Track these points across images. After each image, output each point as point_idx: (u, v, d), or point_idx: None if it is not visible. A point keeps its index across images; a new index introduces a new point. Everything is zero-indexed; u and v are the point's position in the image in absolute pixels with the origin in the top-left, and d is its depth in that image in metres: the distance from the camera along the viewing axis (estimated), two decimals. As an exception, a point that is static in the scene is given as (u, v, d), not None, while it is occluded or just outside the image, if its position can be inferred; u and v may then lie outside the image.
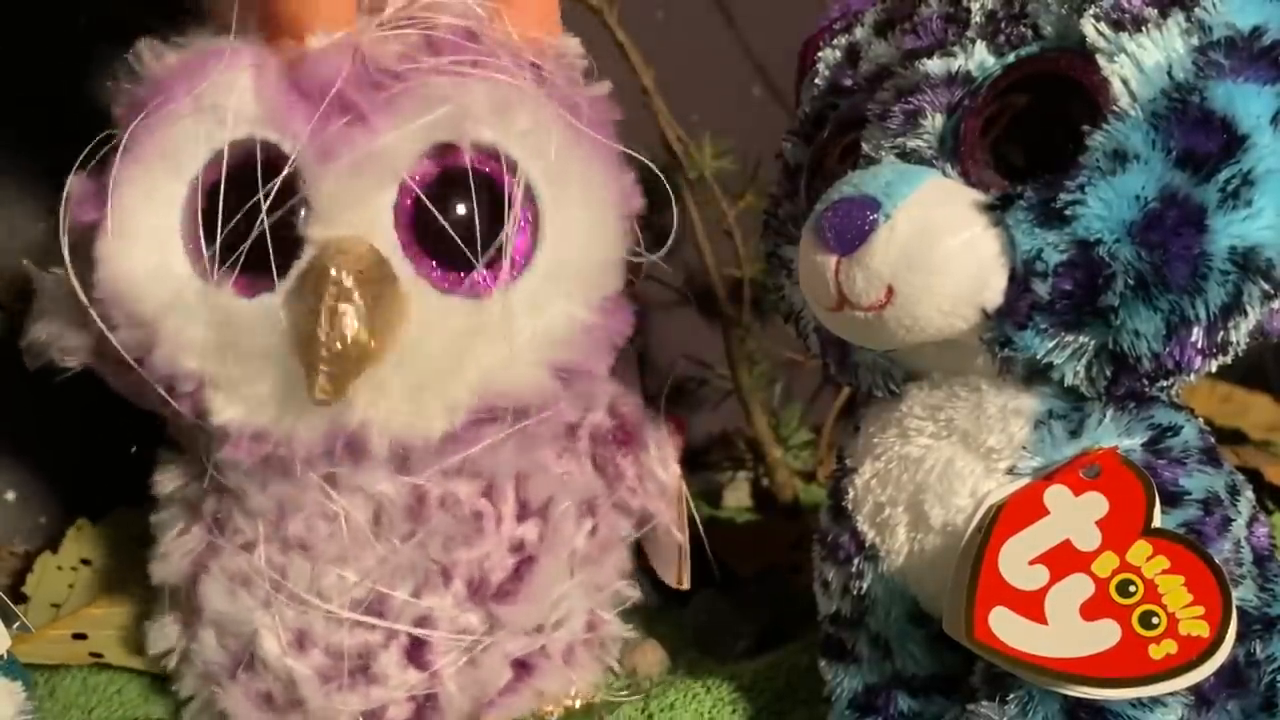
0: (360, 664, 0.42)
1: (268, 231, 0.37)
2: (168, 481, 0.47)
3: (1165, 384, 0.36)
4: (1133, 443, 0.36)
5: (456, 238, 0.39)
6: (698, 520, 0.51)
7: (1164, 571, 0.33)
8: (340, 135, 0.38)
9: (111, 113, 0.42)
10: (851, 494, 0.40)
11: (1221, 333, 0.33)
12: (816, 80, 0.41)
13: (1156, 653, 0.32)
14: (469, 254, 0.39)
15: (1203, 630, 0.32)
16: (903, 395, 0.39)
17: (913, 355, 0.38)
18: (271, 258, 0.38)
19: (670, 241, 0.47)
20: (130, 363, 0.40)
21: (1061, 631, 0.33)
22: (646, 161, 0.47)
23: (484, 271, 0.40)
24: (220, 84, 0.39)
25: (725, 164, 0.65)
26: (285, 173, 0.38)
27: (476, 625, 0.43)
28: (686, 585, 0.51)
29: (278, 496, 0.42)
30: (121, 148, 0.39)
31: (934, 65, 0.36)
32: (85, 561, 0.58)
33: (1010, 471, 0.36)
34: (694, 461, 0.76)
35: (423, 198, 0.39)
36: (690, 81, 0.66)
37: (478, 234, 0.39)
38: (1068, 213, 0.32)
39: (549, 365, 0.42)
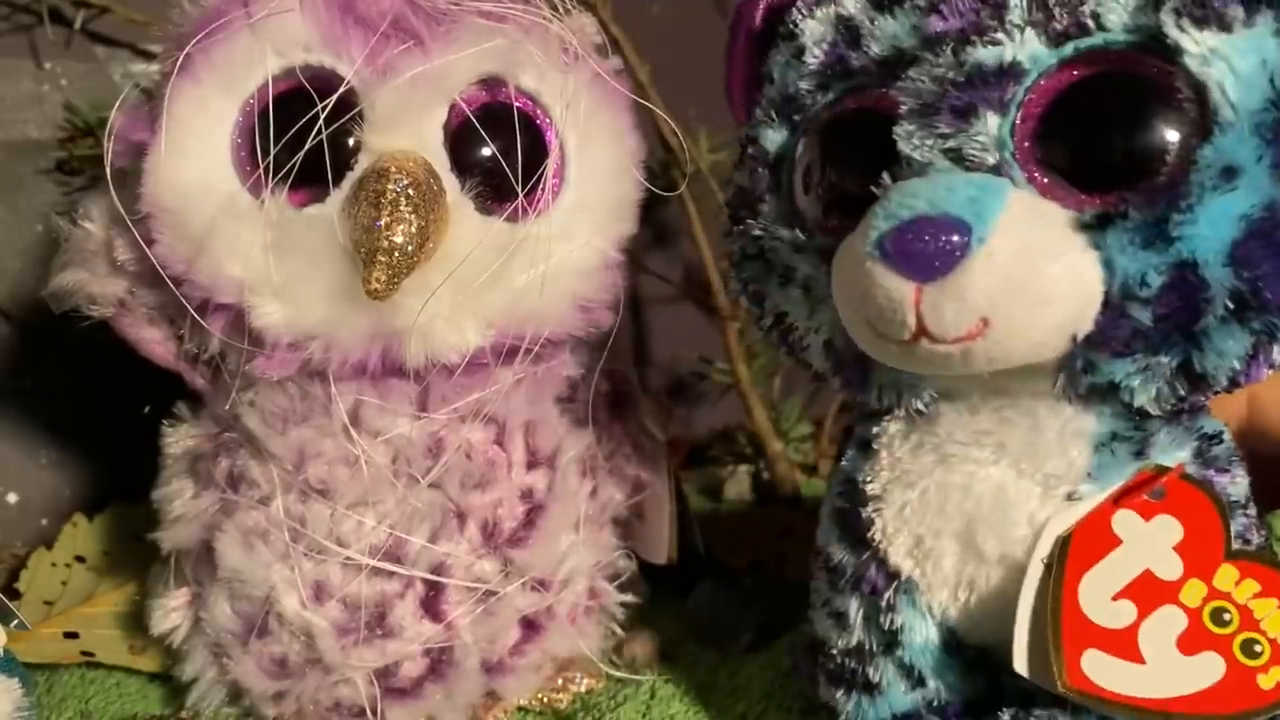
0: (377, 614, 0.43)
1: (325, 141, 0.40)
2: (181, 440, 0.47)
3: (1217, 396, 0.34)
4: (1184, 455, 0.34)
5: (502, 161, 0.42)
6: (685, 494, 0.52)
7: (1256, 595, 0.32)
8: (398, 56, 0.41)
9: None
10: (880, 525, 0.37)
11: None
12: (803, 57, 0.36)
13: (1266, 682, 0.31)
14: (511, 178, 0.42)
15: None
16: (935, 417, 0.36)
17: (958, 377, 0.34)
18: (328, 165, 0.40)
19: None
20: (168, 281, 0.42)
21: (1161, 669, 0.31)
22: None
23: (522, 198, 0.42)
24: (276, 9, 0.41)
25: (722, 158, 0.65)
26: (343, 88, 0.40)
27: (490, 573, 0.44)
28: (674, 558, 0.51)
29: (298, 442, 0.43)
30: (176, 68, 0.41)
31: (984, 55, 0.32)
32: (80, 559, 0.58)
33: (1070, 497, 0.34)
34: (695, 456, 0.76)
35: (472, 119, 0.42)
36: (686, 76, 0.66)
37: (519, 163, 0.42)
38: (1175, 234, 0.30)
39: (572, 295, 0.44)
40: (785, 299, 0.38)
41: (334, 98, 0.40)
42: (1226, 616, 0.32)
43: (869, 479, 0.38)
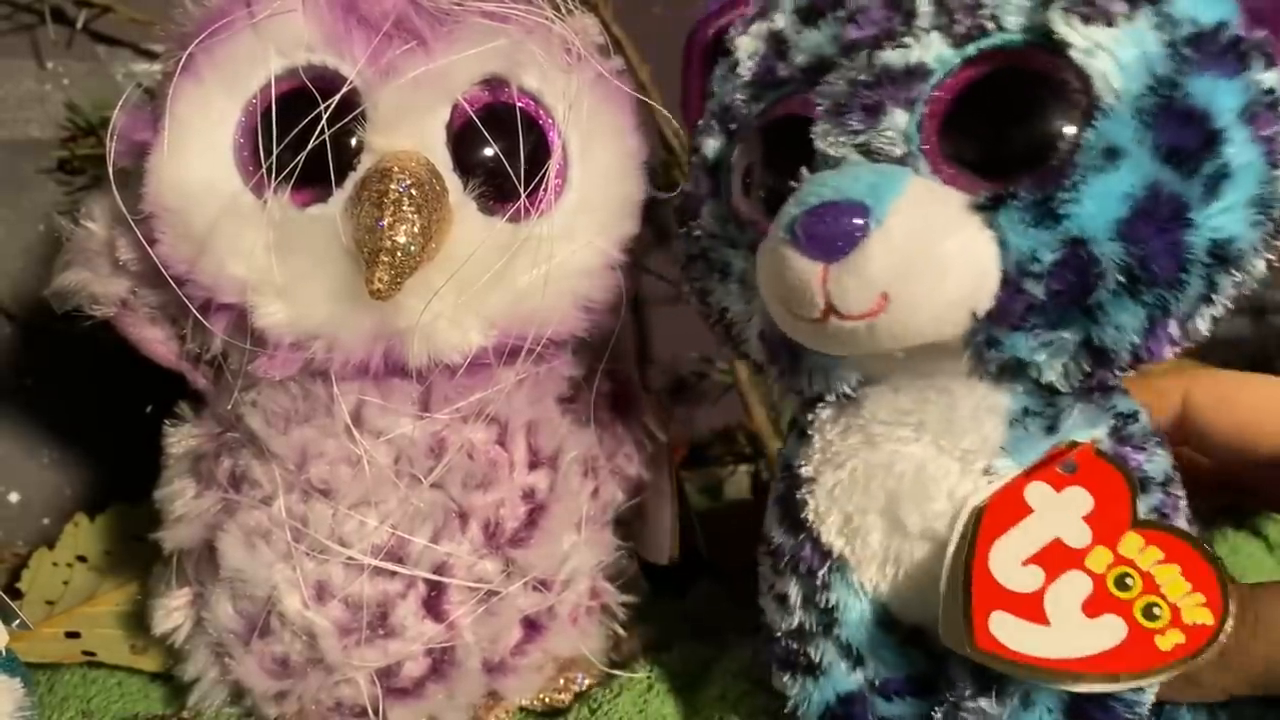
0: (379, 614, 0.43)
1: (328, 140, 0.40)
2: (183, 440, 0.47)
3: (1130, 374, 0.36)
4: (1099, 432, 0.36)
5: (505, 162, 0.42)
6: (686, 493, 0.52)
7: (1159, 562, 0.33)
8: (401, 57, 0.41)
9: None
10: (813, 504, 0.39)
11: (1191, 323, 0.34)
12: (738, 70, 0.39)
13: (1164, 643, 0.32)
14: (514, 178, 0.42)
15: (1206, 618, 0.32)
16: (861, 400, 0.38)
17: (877, 359, 0.37)
18: (331, 165, 0.40)
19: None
20: (170, 281, 0.42)
21: (1066, 631, 0.33)
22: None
23: (524, 199, 0.42)
24: (279, 9, 0.41)
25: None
26: (346, 88, 0.41)
27: (492, 573, 0.44)
28: (676, 558, 0.51)
29: (300, 442, 0.43)
30: (179, 68, 0.42)
31: (891, 57, 0.34)
32: (81, 558, 0.58)
33: (987, 472, 0.36)
34: (695, 455, 0.76)
35: (474, 119, 0.42)
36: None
37: (521, 163, 0.42)
38: (1061, 211, 0.32)
39: (574, 295, 0.44)
40: (725, 294, 0.40)
41: (337, 98, 0.40)
42: (1129, 581, 0.33)
43: (803, 463, 0.40)
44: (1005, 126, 0.33)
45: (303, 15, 0.41)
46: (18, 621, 0.48)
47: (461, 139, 0.42)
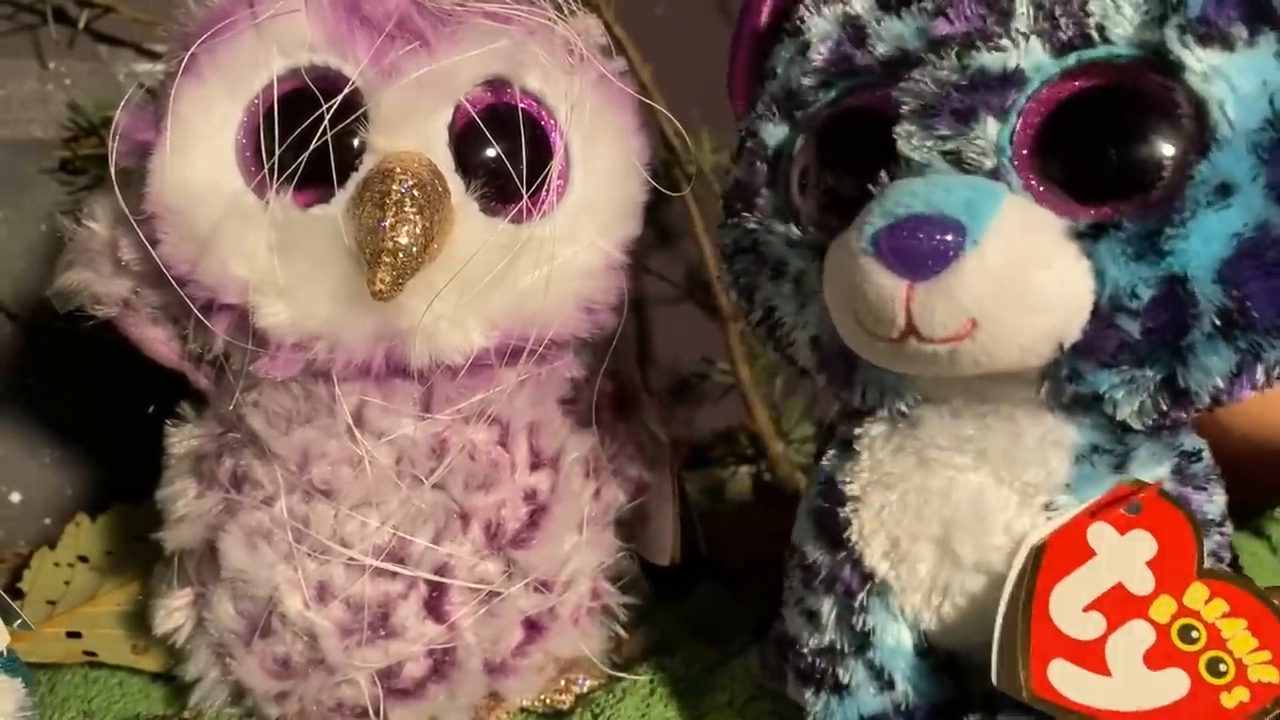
0: (380, 614, 0.43)
1: (330, 141, 0.40)
2: (184, 440, 0.47)
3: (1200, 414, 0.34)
4: (1163, 470, 0.35)
5: (507, 162, 0.42)
6: (688, 495, 0.52)
7: (1224, 615, 0.32)
8: (404, 57, 0.41)
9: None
10: (857, 526, 0.37)
11: (1278, 370, 0.32)
12: (808, 54, 0.36)
13: (1229, 701, 0.31)
14: (516, 179, 0.42)
15: (1272, 676, 0.31)
16: (918, 420, 0.36)
17: (943, 380, 0.35)
18: (333, 165, 0.40)
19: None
20: (172, 281, 0.42)
21: (1127, 682, 0.32)
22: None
23: (526, 200, 0.42)
24: (281, 9, 0.41)
25: (724, 159, 0.65)
26: (348, 89, 0.41)
27: (493, 574, 0.44)
28: (678, 559, 0.51)
29: (302, 442, 0.43)
30: (181, 68, 0.42)
31: (986, 59, 0.32)
32: (82, 558, 0.58)
33: (1048, 507, 0.34)
34: (696, 456, 0.76)
35: (477, 120, 0.42)
36: (689, 76, 0.66)
37: (523, 164, 0.42)
38: (1166, 247, 0.30)
39: (576, 296, 0.44)
40: (776, 293, 0.38)
41: (339, 98, 0.40)
42: (1194, 634, 0.32)
43: (848, 479, 0.38)
44: (1107, 148, 0.31)
45: (305, 15, 0.41)
46: (19, 621, 0.48)
47: (464, 140, 0.42)
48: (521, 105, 0.43)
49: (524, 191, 0.42)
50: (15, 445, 0.65)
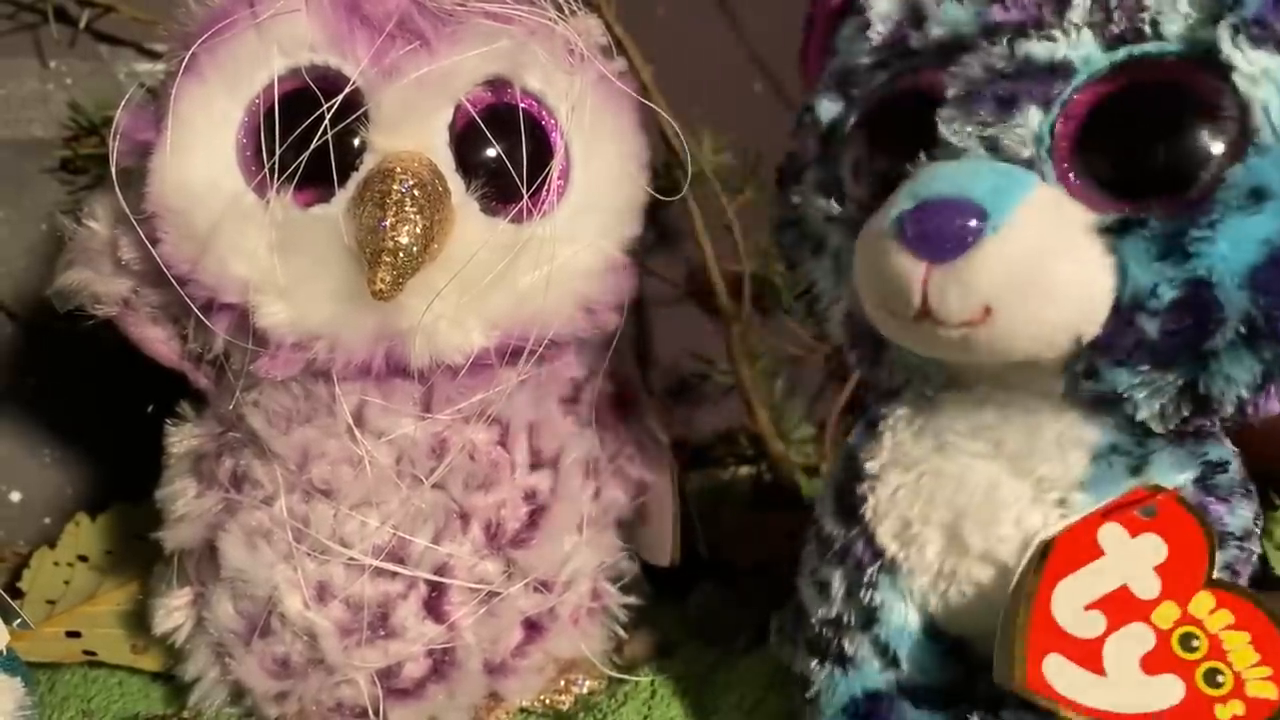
0: (379, 614, 0.43)
1: (330, 141, 0.40)
2: (184, 439, 0.47)
3: (1228, 427, 0.34)
4: (1185, 478, 0.34)
5: (507, 162, 0.42)
6: (688, 496, 0.52)
7: (1228, 627, 0.32)
8: (404, 57, 0.41)
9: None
10: (872, 503, 0.38)
11: None
12: (867, 33, 0.36)
13: (1223, 713, 0.31)
14: (516, 179, 0.42)
15: (1270, 692, 0.31)
16: (940, 404, 0.37)
17: (966, 365, 0.35)
18: (333, 165, 0.40)
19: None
20: (172, 280, 0.42)
21: (1122, 684, 0.32)
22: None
23: (527, 200, 0.42)
24: (282, 9, 0.41)
25: (725, 159, 0.65)
26: (349, 89, 0.41)
27: (493, 574, 0.44)
28: (678, 560, 0.51)
29: (302, 442, 0.43)
30: (182, 68, 0.42)
31: (1035, 48, 0.32)
32: (82, 558, 0.58)
33: (1061, 504, 0.34)
34: (697, 457, 0.76)
35: (477, 119, 0.42)
36: (690, 77, 0.66)
37: (524, 164, 0.42)
38: (1192, 249, 0.30)
39: (576, 296, 0.44)
40: (816, 267, 0.39)
41: (340, 98, 0.40)
42: (1195, 643, 0.32)
43: (869, 457, 0.38)
44: (1146, 145, 0.31)
45: (306, 15, 0.42)
46: (19, 621, 0.48)
47: (464, 140, 0.42)
48: (522, 105, 0.43)
49: (524, 191, 0.42)
50: (15, 444, 0.65)
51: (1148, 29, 0.31)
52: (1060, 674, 0.32)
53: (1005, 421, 0.35)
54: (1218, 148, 0.30)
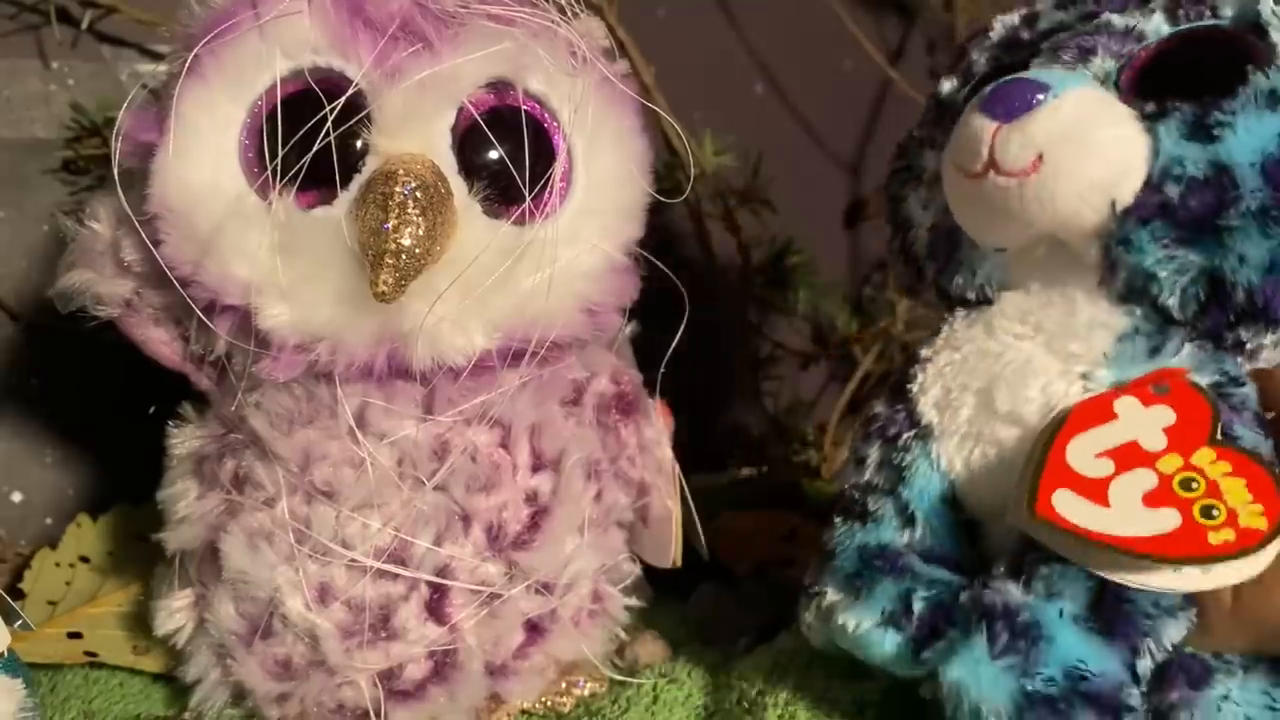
0: (381, 616, 0.43)
1: (333, 142, 0.40)
2: (186, 441, 0.47)
3: (1244, 337, 0.39)
4: (1201, 379, 0.38)
5: (510, 164, 0.42)
6: (689, 498, 0.52)
7: (1227, 474, 0.35)
8: (407, 59, 0.41)
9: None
10: (921, 378, 0.43)
11: None
12: (990, 34, 0.46)
13: (1215, 539, 0.34)
14: (519, 181, 0.42)
15: (1261, 524, 0.33)
16: (996, 300, 0.43)
17: (1022, 257, 0.41)
18: (336, 167, 0.40)
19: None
20: (174, 282, 0.42)
21: (1123, 514, 0.35)
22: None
23: (529, 202, 0.43)
24: (285, 11, 0.42)
25: (726, 161, 0.65)
26: (352, 90, 0.41)
27: (495, 576, 0.44)
28: (679, 562, 0.51)
29: (304, 443, 0.43)
30: (185, 69, 0.42)
31: (1115, 18, 0.41)
32: (84, 559, 0.58)
33: (1084, 377, 0.39)
34: (699, 458, 0.76)
35: (480, 121, 0.42)
36: (691, 79, 0.66)
37: (526, 166, 0.42)
38: (1215, 132, 0.37)
39: (578, 298, 0.45)
40: (914, 200, 0.46)
41: (342, 100, 0.40)
42: (1194, 484, 0.35)
43: (927, 348, 0.44)
44: (1192, 69, 0.39)
45: (308, 17, 0.42)
46: (20, 622, 0.48)
47: (466, 142, 0.43)
48: (524, 107, 0.43)
49: (527, 193, 0.42)
50: (17, 445, 0.65)
51: (1208, 11, 0.40)
52: (1068, 505, 0.35)
53: (1046, 305, 0.41)
54: (1248, 65, 0.37)
